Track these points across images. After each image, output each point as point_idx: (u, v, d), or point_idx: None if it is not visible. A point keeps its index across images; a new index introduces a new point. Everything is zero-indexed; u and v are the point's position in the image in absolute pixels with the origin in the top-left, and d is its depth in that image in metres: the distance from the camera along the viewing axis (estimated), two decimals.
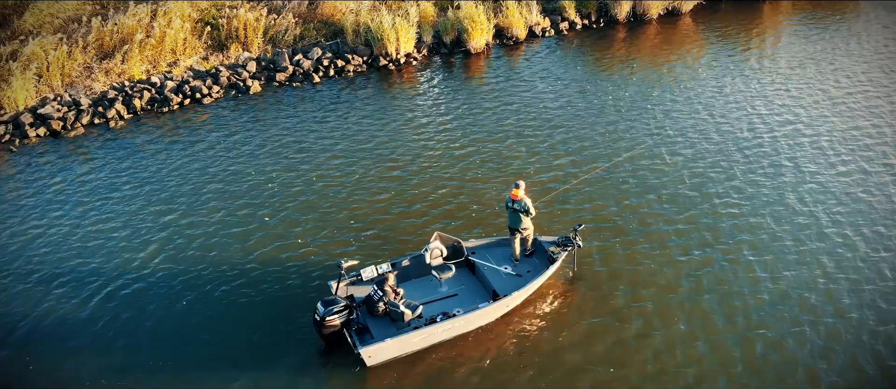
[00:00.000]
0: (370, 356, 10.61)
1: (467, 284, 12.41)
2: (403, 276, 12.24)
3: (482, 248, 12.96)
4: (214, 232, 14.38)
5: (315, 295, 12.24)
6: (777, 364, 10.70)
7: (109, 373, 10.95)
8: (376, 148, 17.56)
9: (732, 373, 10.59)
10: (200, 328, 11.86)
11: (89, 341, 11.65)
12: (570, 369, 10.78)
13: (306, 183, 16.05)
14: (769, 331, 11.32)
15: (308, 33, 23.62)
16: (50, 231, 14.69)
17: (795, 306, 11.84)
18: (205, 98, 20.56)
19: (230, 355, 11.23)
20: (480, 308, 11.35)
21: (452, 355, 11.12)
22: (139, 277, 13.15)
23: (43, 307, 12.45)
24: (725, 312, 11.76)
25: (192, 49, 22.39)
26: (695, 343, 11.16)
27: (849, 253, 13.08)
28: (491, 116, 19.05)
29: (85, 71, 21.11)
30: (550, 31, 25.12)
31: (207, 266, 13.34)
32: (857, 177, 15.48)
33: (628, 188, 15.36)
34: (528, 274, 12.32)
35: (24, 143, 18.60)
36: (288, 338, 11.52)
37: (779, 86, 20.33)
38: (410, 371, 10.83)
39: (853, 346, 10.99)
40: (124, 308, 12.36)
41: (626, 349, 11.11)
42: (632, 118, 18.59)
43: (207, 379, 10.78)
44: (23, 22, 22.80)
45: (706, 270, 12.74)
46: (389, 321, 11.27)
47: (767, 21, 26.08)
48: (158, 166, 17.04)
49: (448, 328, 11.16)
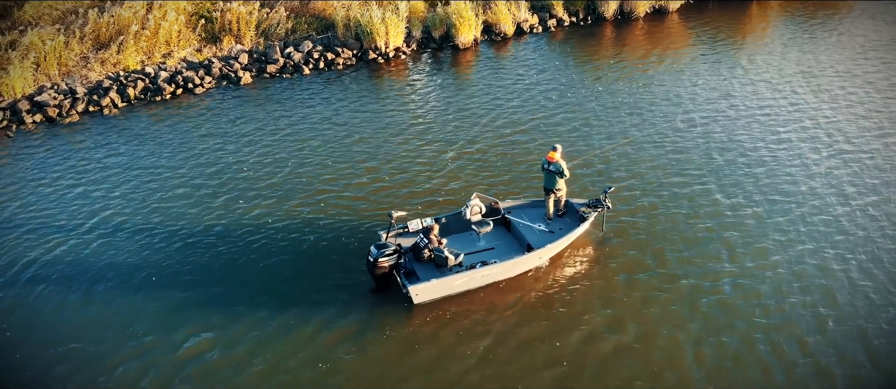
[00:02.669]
0: (417, 294, 11.79)
1: (503, 239, 13.39)
2: (444, 231, 13.29)
3: (517, 208, 13.99)
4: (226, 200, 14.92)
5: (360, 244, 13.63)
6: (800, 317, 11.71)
7: (190, 316, 12.06)
8: (364, 141, 18.07)
9: (748, 318, 11.72)
10: (263, 279, 12.98)
11: (166, 297, 12.58)
12: (599, 322, 11.73)
13: (284, 164, 16.58)
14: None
15: (299, 27, 24.15)
16: (60, 210, 15.26)
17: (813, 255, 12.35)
18: (197, 88, 21.11)
19: (292, 298, 12.37)
20: (516, 258, 12.34)
21: (489, 300, 12.21)
22: (194, 234, 14.12)
23: (103, 261, 13.03)
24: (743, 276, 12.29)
25: (186, 41, 22.95)
26: (707, 297, 12.17)
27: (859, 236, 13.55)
28: (474, 108, 19.53)
29: (81, 61, 21.69)
30: (538, 28, 25.59)
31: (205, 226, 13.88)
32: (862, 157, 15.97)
33: (615, 172, 15.84)
34: (560, 231, 13.29)
35: (21, 128, 19.18)
36: (341, 284, 12.75)
37: (767, 80, 20.75)
38: (451, 311, 11.97)
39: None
40: (187, 263, 13.44)
41: (652, 303, 12.10)
42: (616, 111, 19.04)
43: (280, 314, 12.01)
44: (22, 13, 23.40)
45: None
46: (434, 266, 12.41)
47: (755, 20, 26.50)
48: (153, 149, 17.60)
49: (486, 273, 12.23)
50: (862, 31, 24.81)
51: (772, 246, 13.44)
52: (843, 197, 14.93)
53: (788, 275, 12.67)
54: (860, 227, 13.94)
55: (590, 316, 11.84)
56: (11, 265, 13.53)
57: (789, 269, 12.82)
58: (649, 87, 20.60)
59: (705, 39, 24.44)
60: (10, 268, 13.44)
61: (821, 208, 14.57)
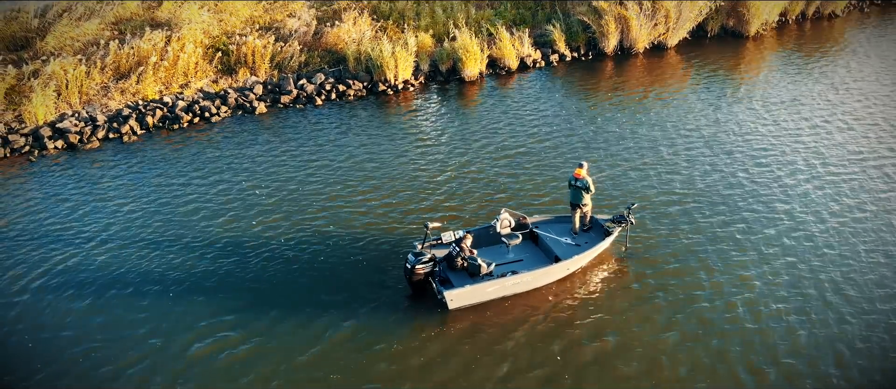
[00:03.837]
0: (452, 299, 12.58)
1: (531, 252, 14.21)
2: (473, 244, 13.98)
3: (544, 223, 14.75)
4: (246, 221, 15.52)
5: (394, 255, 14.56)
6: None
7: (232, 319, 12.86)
8: (372, 162, 18.77)
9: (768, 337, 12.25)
10: (302, 285, 13.89)
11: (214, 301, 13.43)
12: (622, 333, 12.41)
13: (286, 192, 17.24)
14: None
15: (312, 60, 25.07)
16: (82, 228, 15.85)
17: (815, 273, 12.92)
18: (213, 117, 21.89)
19: (331, 303, 13.22)
20: (545, 268, 13.14)
21: (518, 307, 13.00)
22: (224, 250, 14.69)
23: (118, 272, 13.56)
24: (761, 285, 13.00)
25: (202, 72, 23.82)
26: (734, 311, 12.82)
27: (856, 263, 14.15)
28: (479, 136, 20.28)
29: (102, 90, 22.50)
30: (541, 63, 26.54)
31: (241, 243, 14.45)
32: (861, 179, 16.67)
33: (619, 194, 16.51)
34: (586, 245, 14.09)
35: (42, 154, 19.86)
36: (380, 288, 13.70)
37: (756, 109, 21.58)
38: (483, 316, 12.80)
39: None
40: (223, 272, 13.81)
41: (673, 314, 12.80)
42: (616, 139, 19.79)
43: (319, 318, 12.89)
44: (44, 44, 24.31)
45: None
46: (467, 275, 13.22)
47: (751, 55, 27.49)
48: (170, 172, 18.28)
49: (517, 281, 12.99)
50: (861, 66, 25.74)
51: (790, 263, 14.03)
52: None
53: (803, 295, 13.26)
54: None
55: (614, 327, 12.53)
56: (32, 274, 14.15)
57: (805, 289, 13.41)
58: (647, 116, 21.40)
59: (702, 73, 25.36)
60: (30, 277, 14.07)
61: (844, 234, 15.20)
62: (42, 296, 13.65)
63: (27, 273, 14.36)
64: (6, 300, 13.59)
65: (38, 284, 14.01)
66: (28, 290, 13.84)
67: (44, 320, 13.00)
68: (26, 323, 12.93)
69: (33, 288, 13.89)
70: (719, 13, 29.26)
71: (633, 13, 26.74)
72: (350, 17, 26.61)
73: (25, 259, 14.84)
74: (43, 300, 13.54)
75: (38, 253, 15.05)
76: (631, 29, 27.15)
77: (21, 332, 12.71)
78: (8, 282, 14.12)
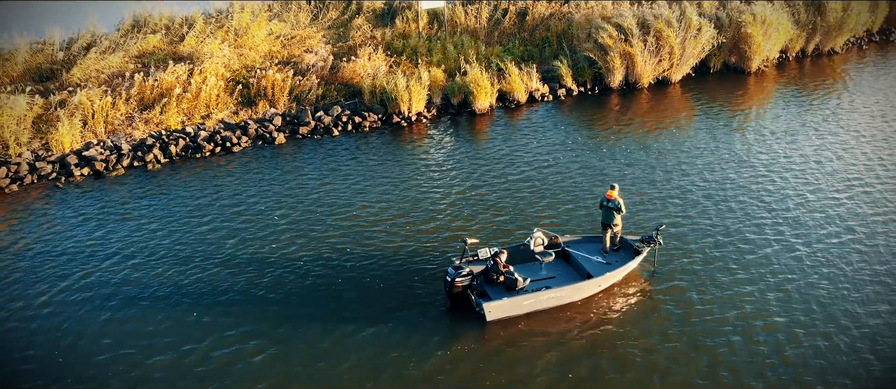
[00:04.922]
0: (490, 311, 13.20)
1: (563, 270, 14.81)
2: (507, 261, 14.47)
3: (574, 242, 15.41)
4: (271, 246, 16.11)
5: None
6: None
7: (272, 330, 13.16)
8: (386, 188, 19.44)
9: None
10: (320, 298, 14.57)
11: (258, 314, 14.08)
12: (647, 348, 12.89)
13: (310, 221, 17.88)
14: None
15: (329, 93, 25.95)
16: (106, 246, 16.46)
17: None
18: (234, 147, 22.65)
19: (375, 316, 13.86)
20: (578, 284, 13.81)
21: (552, 321, 13.61)
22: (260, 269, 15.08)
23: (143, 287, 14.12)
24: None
25: (224, 104, 24.67)
26: (756, 336, 13.28)
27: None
28: (490, 165, 20.99)
29: (126, 120, 23.31)
30: (549, 97, 27.41)
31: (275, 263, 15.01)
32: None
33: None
34: (617, 263, 14.69)
35: (69, 181, 20.56)
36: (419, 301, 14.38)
37: (760, 144, 22.32)
38: (519, 329, 13.40)
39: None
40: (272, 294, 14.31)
41: (697, 336, 13.29)
42: (621, 167, 20.49)
43: (363, 329, 13.51)
44: (70, 75, 25.22)
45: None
46: (503, 288, 13.82)
47: (752, 90, 28.37)
48: (193, 197, 18.94)
49: (552, 295, 13.65)
50: (858, 104, 26.56)
51: (810, 284, 14.56)
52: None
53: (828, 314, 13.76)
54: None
55: (645, 343, 13.03)
56: (61, 286, 14.71)
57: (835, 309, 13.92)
58: (650, 148, 22.12)
59: (705, 108, 26.18)
60: (59, 289, 14.65)
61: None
62: (64, 309, 14.18)
63: (50, 288, 14.89)
64: (35, 311, 14.11)
65: (60, 298, 14.55)
66: (51, 303, 14.43)
67: (69, 327, 13.54)
68: (49, 334, 13.44)
69: (56, 302, 14.47)
70: (722, 50, 30.24)
71: (637, 50, 27.70)
72: (365, 53, 27.59)
73: (54, 274, 15.40)
74: (65, 311, 14.06)
75: (65, 268, 15.61)
76: (636, 65, 28.10)
77: (43, 342, 13.21)
78: (35, 294, 14.65)
